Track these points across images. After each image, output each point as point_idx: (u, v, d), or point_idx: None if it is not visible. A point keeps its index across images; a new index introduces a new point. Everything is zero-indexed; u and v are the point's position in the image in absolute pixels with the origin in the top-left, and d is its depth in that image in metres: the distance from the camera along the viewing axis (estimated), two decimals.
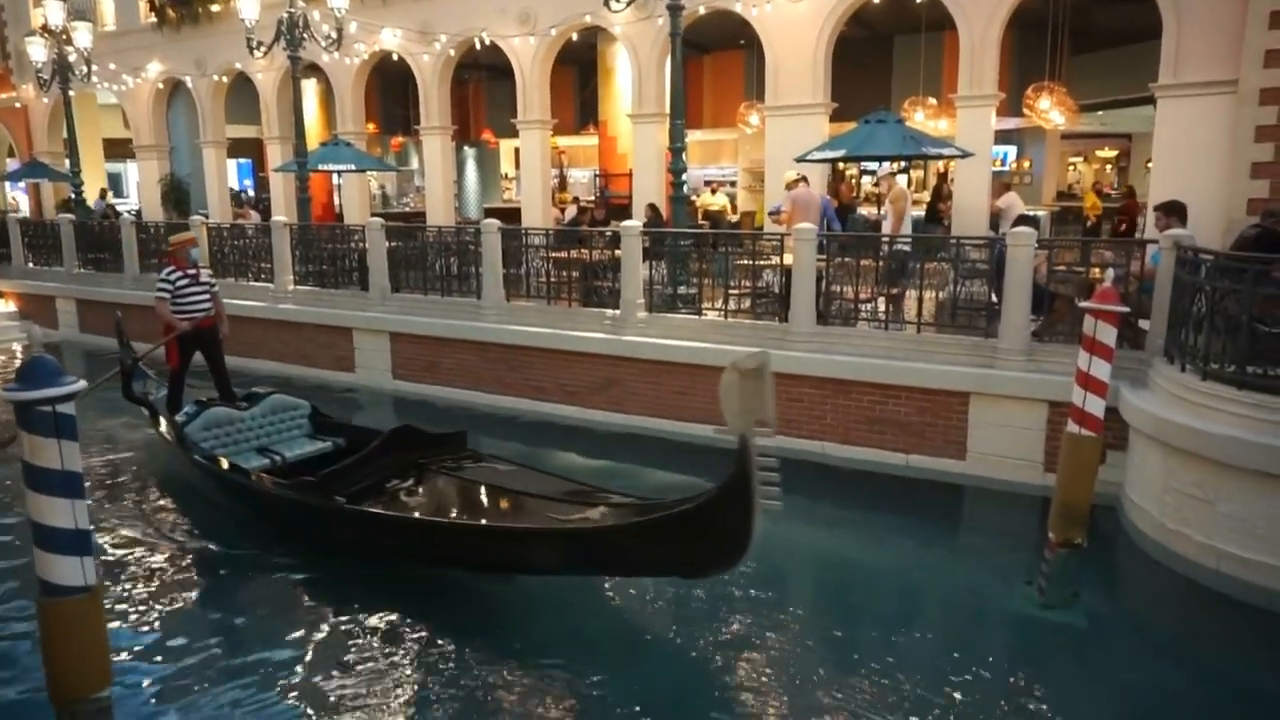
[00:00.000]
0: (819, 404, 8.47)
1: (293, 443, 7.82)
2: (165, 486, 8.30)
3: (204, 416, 7.66)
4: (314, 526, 6.50)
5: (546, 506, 5.87)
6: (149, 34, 18.53)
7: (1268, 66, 8.70)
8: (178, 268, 8.32)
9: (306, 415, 8.12)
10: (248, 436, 7.73)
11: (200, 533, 7.32)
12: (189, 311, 8.31)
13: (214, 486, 7.33)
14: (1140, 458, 6.72)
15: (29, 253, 17.10)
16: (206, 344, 8.53)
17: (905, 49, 16.11)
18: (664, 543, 4.95)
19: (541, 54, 13.84)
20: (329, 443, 7.79)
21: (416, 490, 6.50)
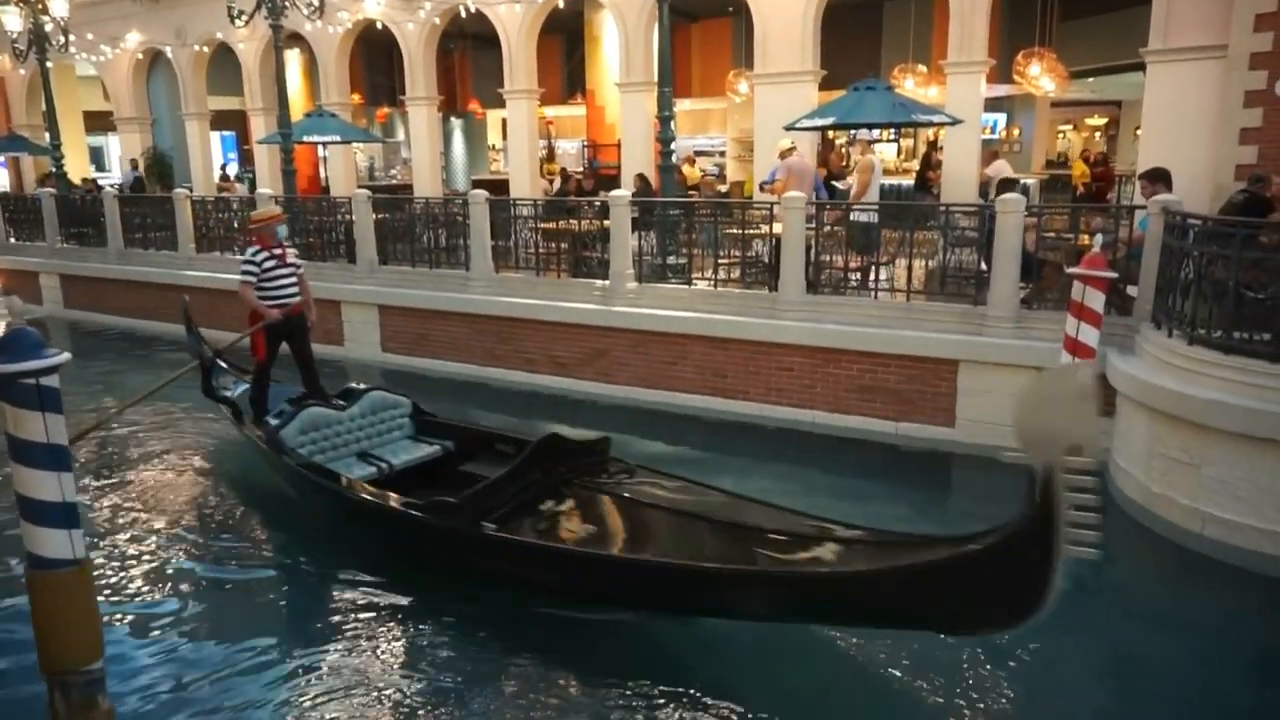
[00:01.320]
0: (809, 373, 8.49)
1: (396, 446, 6.93)
2: (254, 494, 7.48)
3: (301, 418, 6.65)
4: (450, 553, 5.61)
5: (749, 538, 4.85)
6: (127, 3, 18.17)
7: (1258, 30, 8.65)
8: (263, 247, 7.24)
9: (408, 414, 7.21)
10: (347, 440, 6.82)
11: (299, 548, 6.57)
12: (277, 297, 7.25)
13: (319, 500, 6.45)
14: (1127, 423, 6.77)
15: (10, 228, 16.89)
16: (294, 333, 7.48)
17: (895, 15, 15.97)
18: (927, 592, 4.00)
19: (528, 22, 13.66)
20: (436, 446, 6.88)
21: (576, 513, 5.51)
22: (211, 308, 13.26)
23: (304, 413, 6.71)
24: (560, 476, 5.75)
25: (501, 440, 6.71)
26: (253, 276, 7.19)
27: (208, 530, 6.89)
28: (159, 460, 8.42)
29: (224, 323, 13.05)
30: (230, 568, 6.32)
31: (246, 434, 7.28)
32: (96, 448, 8.68)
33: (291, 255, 7.47)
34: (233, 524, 7.04)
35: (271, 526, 6.98)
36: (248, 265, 7.23)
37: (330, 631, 5.46)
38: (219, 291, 13.06)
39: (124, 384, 11.45)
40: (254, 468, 7.50)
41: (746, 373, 8.81)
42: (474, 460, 6.56)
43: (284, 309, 7.26)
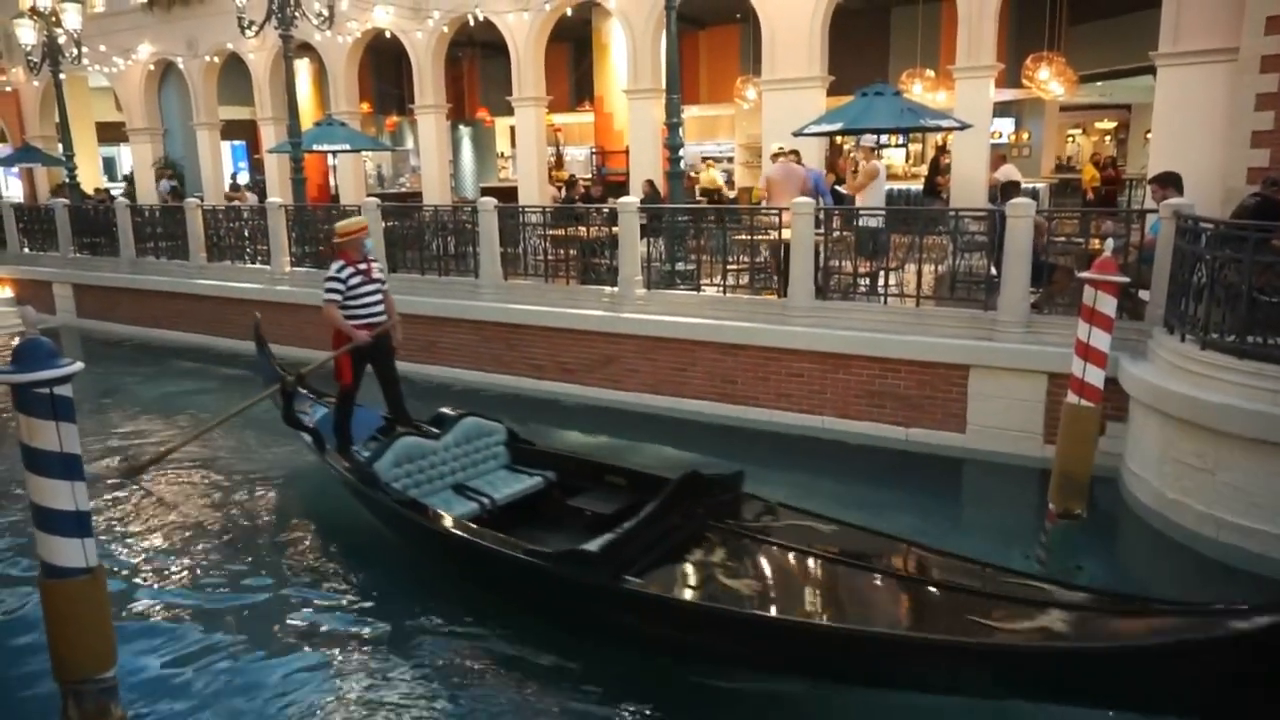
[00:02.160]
0: (818, 379, 8.46)
1: (493, 477, 6.34)
2: (331, 526, 6.92)
3: (395, 449, 6.05)
4: (582, 608, 4.96)
5: (947, 598, 4.24)
6: (139, 15, 18.35)
7: (1269, 33, 8.61)
8: (348, 262, 6.68)
9: (503, 442, 6.60)
10: (441, 472, 6.23)
11: (384, 586, 5.94)
12: (364, 317, 6.70)
13: (419, 540, 5.88)
14: (1140, 428, 6.72)
15: (24, 238, 17.02)
16: (380, 355, 6.91)
17: (903, 20, 15.97)
18: (1206, 671, 3.29)
19: (536, 30, 13.71)
20: (537, 478, 6.27)
21: (730, 564, 4.79)
22: (223, 316, 13.38)
23: (398, 443, 6.10)
24: (699, 519, 5.10)
25: (611, 471, 6.11)
26: (338, 295, 6.61)
27: (272, 560, 6.40)
28: (224, 485, 7.94)
29: (237, 332, 13.16)
30: (297, 598, 5.86)
31: (330, 464, 6.64)
32: (158, 471, 8.06)
33: (377, 270, 6.92)
34: (306, 556, 6.54)
35: (354, 562, 6.36)
36: (332, 282, 6.63)
37: (410, 675, 4.98)
38: (231, 300, 13.17)
39: (140, 395, 11.52)
40: (330, 497, 6.95)
41: (756, 379, 8.80)
42: (581, 494, 6.00)
43: (372, 329, 6.72)
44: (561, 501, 6.07)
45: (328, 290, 6.67)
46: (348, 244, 6.75)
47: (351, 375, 6.78)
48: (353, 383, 6.81)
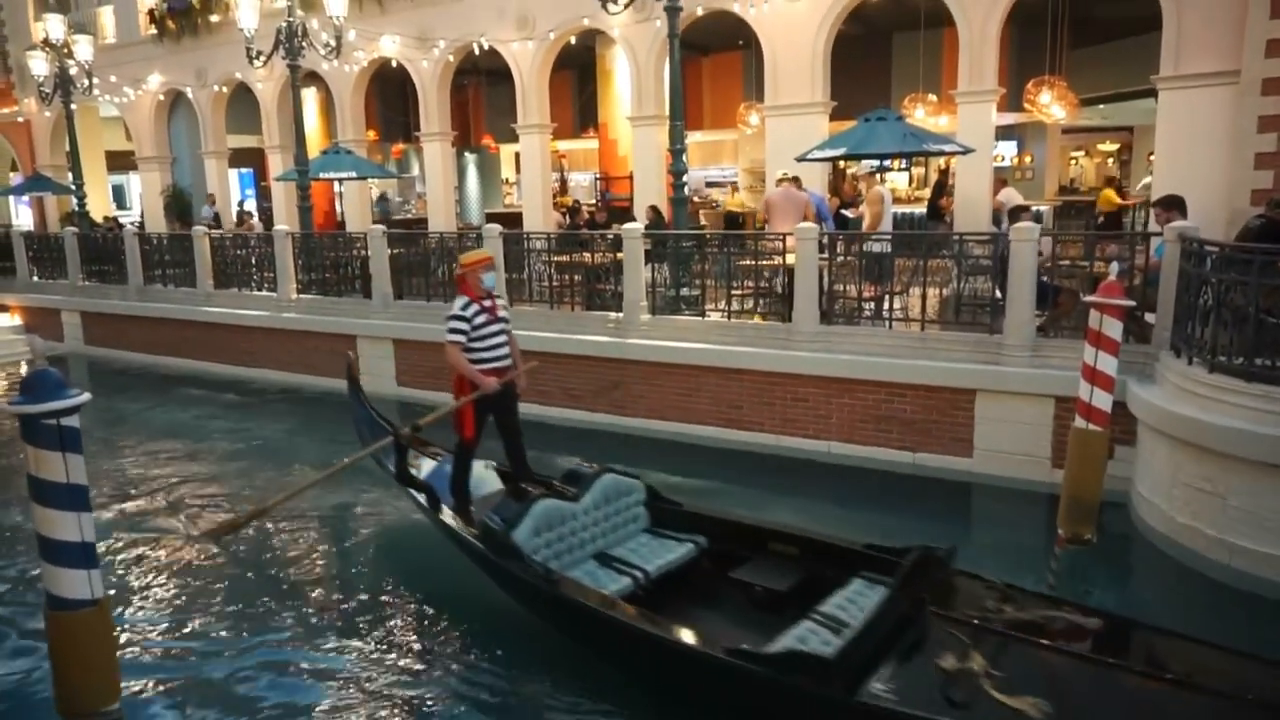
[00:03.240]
0: (824, 403, 8.45)
1: (635, 544, 5.56)
2: (454, 601, 5.99)
3: (535, 515, 5.23)
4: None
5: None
6: (149, 46, 18.60)
7: (1269, 56, 8.64)
8: (472, 298, 6.02)
9: (643, 501, 5.81)
10: (582, 539, 5.43)
11: (530, 677, 5.13)
12: (489, 360, 6.05)
13: (575, 624, 5.04)
14: (1148, 452, 6.68)
15: (33, 266, 17.16)
16: (505, 403, 6.24)
17: (904, 46, 16.08)
18: None
19: (540, 58, 13.84)
20: (687, 544, 5.44)
21: (997, 674, 3.79)
22: (230, 343, 13.44)
23: (537, 508, 5.28)
24: (921, 606, 4.31)
25: (774, 537, 5.30)
26: (462, 335, 5.95)
27: (364, 627, 5.78)
28: (308, 542, 7.25)
29: (244, 359, 13.23)
30: (391, 671, 5.26)
31: (449, 528, 5.89)
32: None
33: (501, 307, 6.25)
34: (403, 623, 5.86)
35: (470, 638, 5.59)
36: (456, 322, 5.96)
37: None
38: (237, 327, 13.23)
39: (149, 422, 11.55)
40: (438, 561, 6.23)
41: (761, 404, 8.78)
42: (742, 564, 5.20)
43: (500, 375, 6.06)
44: (716, 572, 5.28)
45: (451, 330, 5.96)
46: (469, 275, 6.06)
47: (475, 428, 6.11)
48: (475, 436, 6.14)
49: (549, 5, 13.39)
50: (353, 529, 7.65)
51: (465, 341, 5.98)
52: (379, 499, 7.89)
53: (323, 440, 10.45)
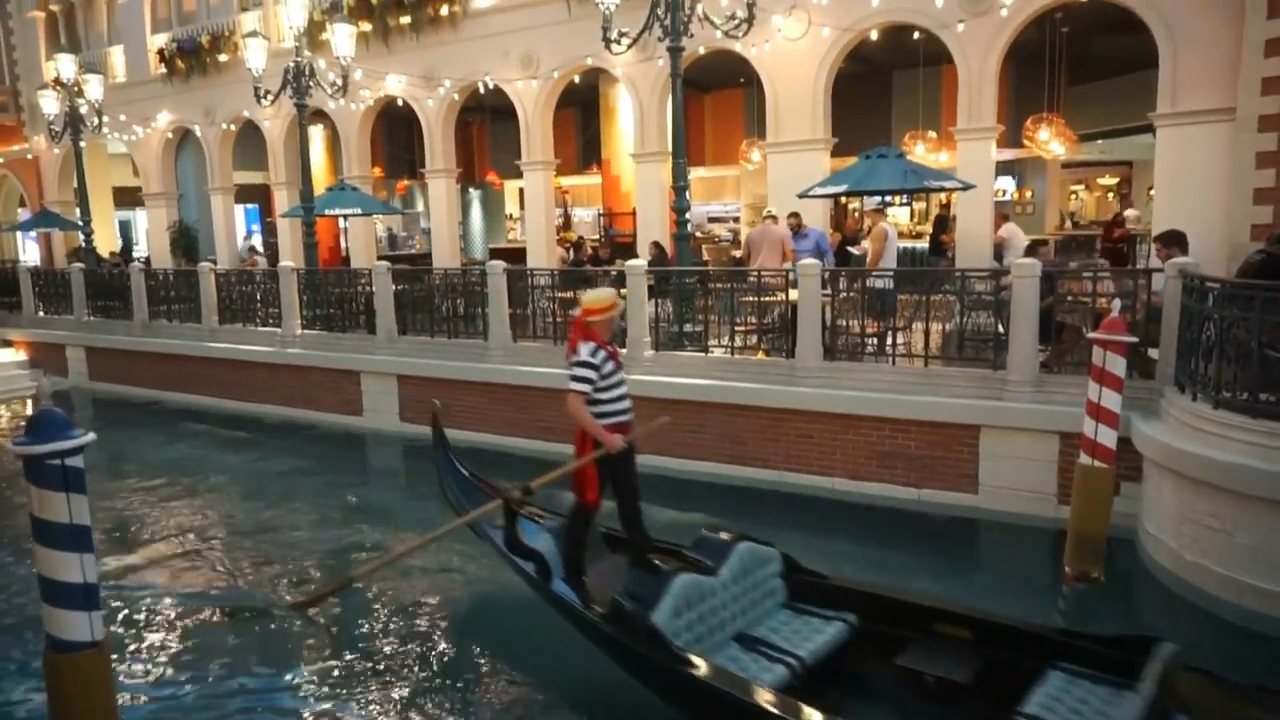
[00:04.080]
0: (828, 439, 8.43)
1: (776, 622, 4.90)
2: (584, 698, 5.43)
3: (675, 592, 4.58)
4: None
5: None
6: (158, 85, 18.86)
7: (1265, 94, 8.75)
8: (599, 344, 5.36)
9: (780, 572, 5.15)
10: (723, 618, 4.76)
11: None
12: (615, 414, 5.42)
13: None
14: (1155, 488, 6.65)
15: (39, 301, 17.26)
16: (626, 462, 5.59)
17: (904, 83, 16.26)
18: None
19: (544, 96, 14.01)
20: (836, 623, 4.79)
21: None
22: (233, 379, 13.46)
23: (677, 585, 4.62)
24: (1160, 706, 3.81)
25: (942, 618, 4.61)
26: (589, 385, 5.27)
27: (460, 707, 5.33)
28: (394, 610, 6.57)
29: (247, 395, 13.24)
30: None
31: (566, 603, 5.27)
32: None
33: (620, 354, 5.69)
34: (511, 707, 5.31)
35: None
36: (585, 369, 5.26)
37: None
38: (241, 363, 13.27)
39: (152, 458, 11.53)
40: (542, 637, 5.71)
41: (765, 440, 8.77)
42: (905, 648, 4.55)
43: (625, 431, 5.45)
44: (874, 656, 4.66)
45: (578, 379, 5.27)
46: (596, 321, 5.35)
47: (598, 490, 5.47)
48: (598, 499, 5.52)
49: (553, 45, 13.58)
50: (430, 593, 6.84)
51: (591, 392, 5.29)
52: (462, 561, 7.22)
53: (326, 476, 10.45)
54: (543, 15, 13.56)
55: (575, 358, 5.31)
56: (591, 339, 5.34)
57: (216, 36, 17.61)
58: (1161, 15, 9.38)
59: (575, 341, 5.38)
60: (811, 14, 11.24)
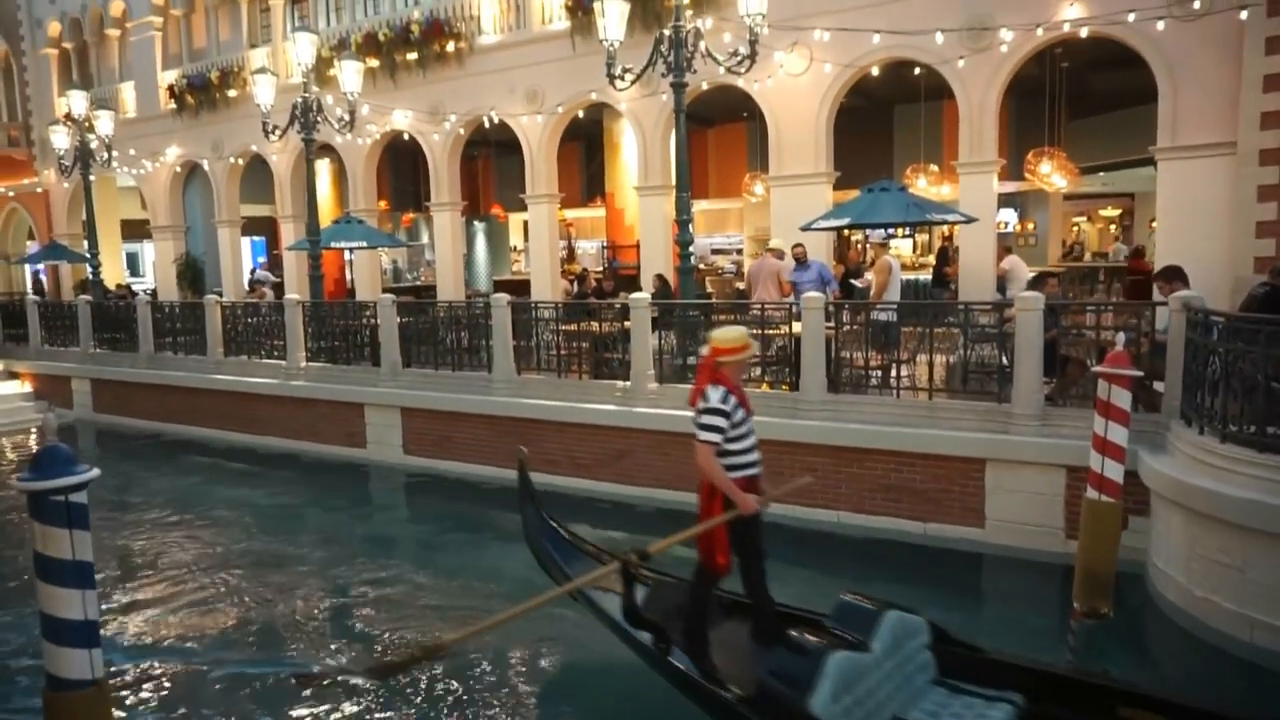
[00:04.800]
0: (833, 473, 8.39)
1: (931, 702, 4.43)
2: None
3: (832, 674, 4.11)
4: None
5: None
6: (168, 120, 19.10)
7: (1265, 128, 8.82)
8: (731, 390, 4.79)
9: (928, 644, 4.65)
10: (879, 699, 4.29)
11: None
12: (746, 466, 4.88)
13: None
14: (1163, 523, 6.60)
15: (45, 333, 17.35)
16: (757, 521, 5.01)
17: (905, 117, 16.42)
18: None
19: (549, 131, 14.15)
20: (1001, 704, 4.32)
21: None
22: (237, 411, 13.47)
23: (833, 664, 4.14)
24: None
25: (1126, 700, 4.14)
26: (720, 435, 4.72)
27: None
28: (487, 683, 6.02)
29: (250, 427, 13.24)
30: None
31: (695, 682, 4.75)
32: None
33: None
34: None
35: None
36: (714, 417, 4.70)
37: None
38: (245, 395, 13.28)
39: (156, 491, 11.51)
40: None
41: (770, 473, 8.62)
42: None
43: (758, 489, 4.91)
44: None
45: (707, 428, 4.70)
46: (726, 362, 4.83)
47: (728, 552, 4.89)
48: (728, 564, 4.92)
49: (558, 80, 13.75)
50: (522, 662, 6.25)
51: (722, 443, 4.73)
52: (557, 626, 6.51)
53: (331, 511, 10.42)
54: (548, 51, 13.74)
55: (703, 404, 4.74)
56: (721, 383, 4.78)
57: (226, 72, 17.86)
58: (1160, 52, 9.48)
59: (702, 385, 4.82)
60: (813, 50, 11.37)
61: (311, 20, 16.98)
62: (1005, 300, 9.25)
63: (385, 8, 16.07)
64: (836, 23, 11.04)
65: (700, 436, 4.75)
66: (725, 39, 11.13)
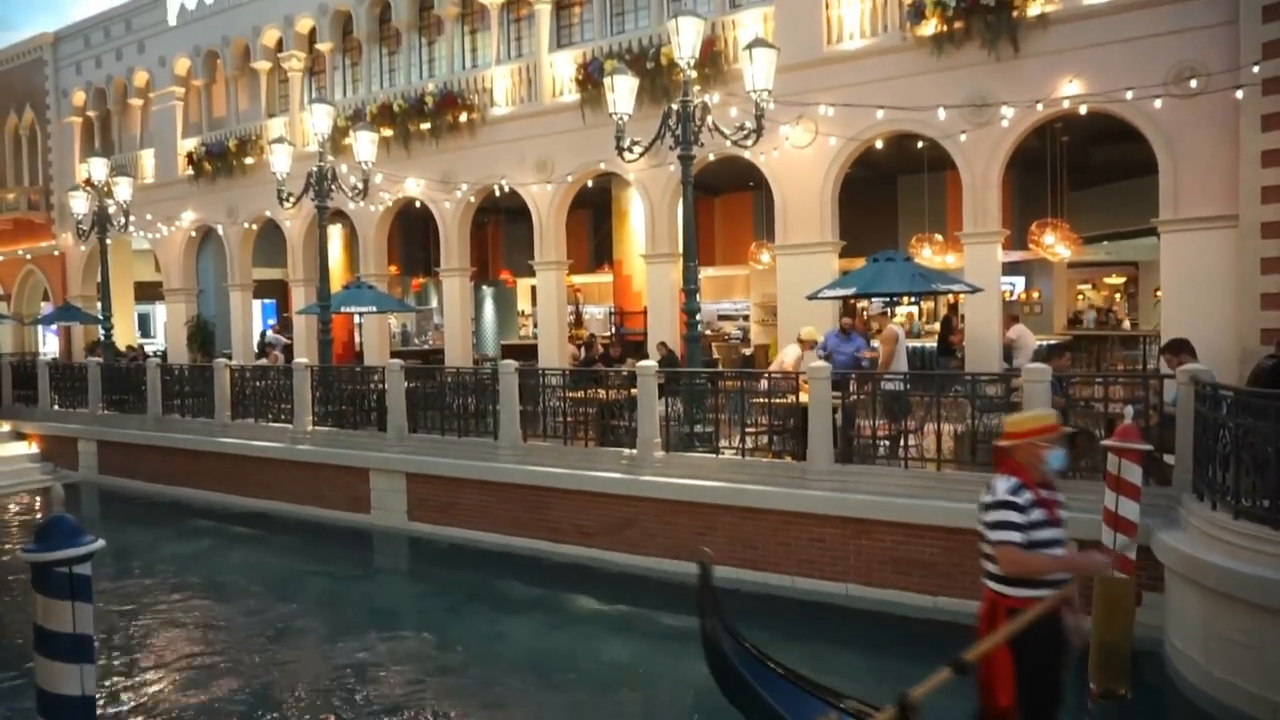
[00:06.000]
0: (841, 544, 8.30)
1: None
2: None
3: None
4: None
5: None
6: (185, 185, 19.49)
7: (1265, 202, 8.91)
8: (1025, 482, 4.08)
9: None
10: None
11: None
12: (1043, 587, 4.05)
13: None
14: (1178, 600, 6.48)
15: (55, 394, 17.44)
16: (1062, 654, 4.22)
17: (909, 187, 16.64)
18: None
19: (558, 199, 14.39)
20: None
21: None
22: (243, 475, 13.43)
23: None
24: None
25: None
26: (1018, 531, 3.98)
27: None
28: None
29: (255, 491, 13.18)
30: None
31: None
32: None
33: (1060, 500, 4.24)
34: None
35: None
36: (1007, 512, 4.02)
37: None
38: (251, 459, 13.26)
39: (157, 555, 11.41)
40: None
41: (777, 544, 8.64)
42: None
43: (1070, 612, 4.13)
44: None
45: (1003, 525, 4.01)
46: (1023, 449, 4.12)
47: (1015, 689, 4.04)
48: (1013, 707, 4.07)
49: (567, 151, 14.02)
50: None
51: (1024, 541, 3.98)
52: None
53: (335, 579, 10.32)
54: (558, 123, 14.05)
55: (988, 497, 4.08)
56: (1016, 473, 4.08)
57: (244, 140, 18.28)
58: (1159, 128, 9.65)
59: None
60: (818, 124, 11.61)
61: (328, 91, 17.45)
62: (1012, 370, 9.26)
63: (400, 79, 16.51)
64: (840, 98, 11.30)
65: (992, 538, 4.02)
66: (732, 113, 11.39)
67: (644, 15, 13.87)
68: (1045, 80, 10.20)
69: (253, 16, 18.16)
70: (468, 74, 15.38)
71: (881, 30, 11.42)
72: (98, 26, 21.44)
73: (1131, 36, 9.68)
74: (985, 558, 4.15)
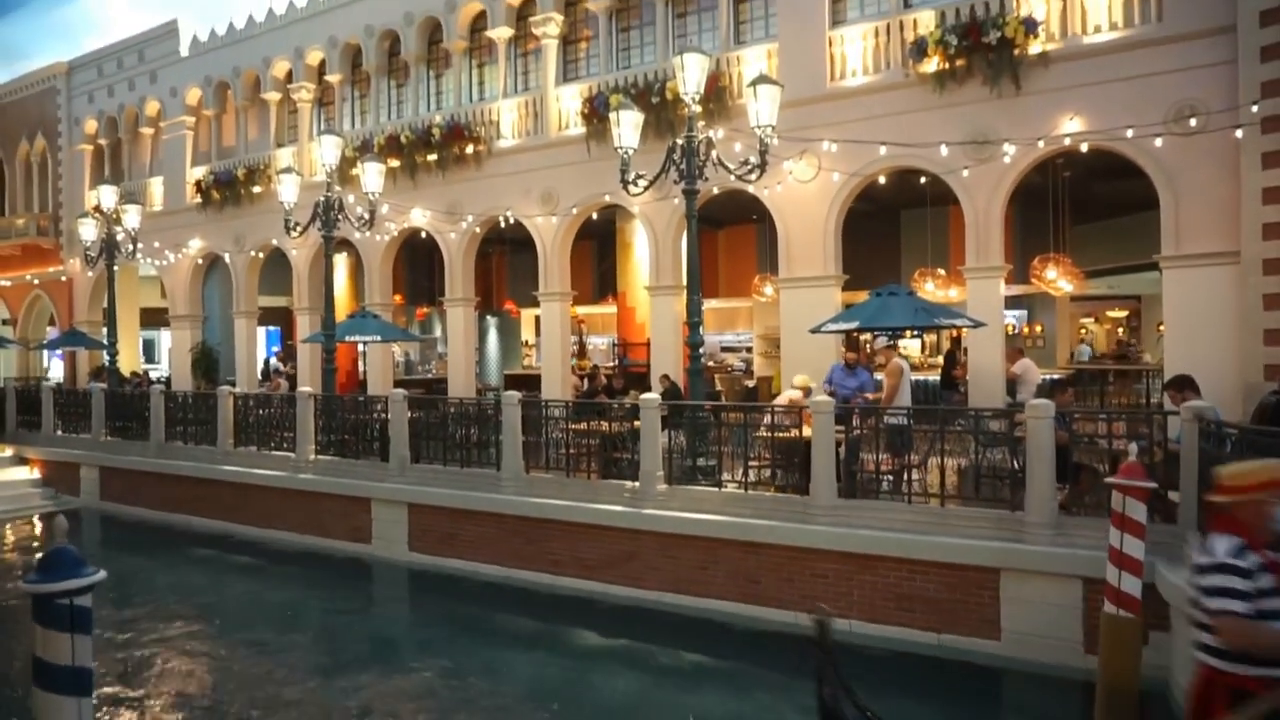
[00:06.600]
0: (843, 580, 8.25)
1: None
2: None
3: None
4: None
5: None
6: (192, 213, 19.66)
7: (1267, 239, 8.96)
8: (1249, 542, 3.57)
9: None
10: None
11: None
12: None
13: None
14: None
15: (58, 419, 17.45)
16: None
17: (912, 221, 16.74)
18: None
19: (563, 231, 14.48)
20: None
21: None
22: (244, 503, 13.40)
23: None
24: None
25: None
26: (1240, 600, 3.49)
27: None
28: None
29: (256, 519, 13.13)
30: None
31: None
32: None
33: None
34: None
35: None
36: (1220, 576, 3.55)
37: None
38: (252, 486, 13.23)
39: (159, 584, 11.35)
40: None
41: (780, 579, 8.58)
42: None
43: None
44: None
45: (1221, 593, 3.53)
46: (1245, 505, 3.61)
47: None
48: None
49: (573, 184, 14.14)
50: None
51: (1248, 611, 3.46)
52: None
53: (334, 612, 10.25)
54: (564, 155, 14.19)
55: (1204, 558, 3.62)
56: (1238, 532, 3.59)
57: (252, 170, 18.46)
58: (1160, 165, 9.72)
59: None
60: (821, 159, 11.71)
61: (337, 122, 17.65)
62: (1016, 406, 9.25)
63: (408, 111, 16.70)
64: (843, 134, 11.41)
65: (1210, 606, 3.52)
66: (736, 148, 11.50)
67: (649, 51, 14.06)
68: (1047, 117, 10.30)
69: (264, 48, 18.43)
70: (474, 106, 15.56)
71: (884, 67, 11.57)
72: (111, 56, 21.76)
73: (1132, 75, 9.80)
74: (1199, 627, 3.67)
